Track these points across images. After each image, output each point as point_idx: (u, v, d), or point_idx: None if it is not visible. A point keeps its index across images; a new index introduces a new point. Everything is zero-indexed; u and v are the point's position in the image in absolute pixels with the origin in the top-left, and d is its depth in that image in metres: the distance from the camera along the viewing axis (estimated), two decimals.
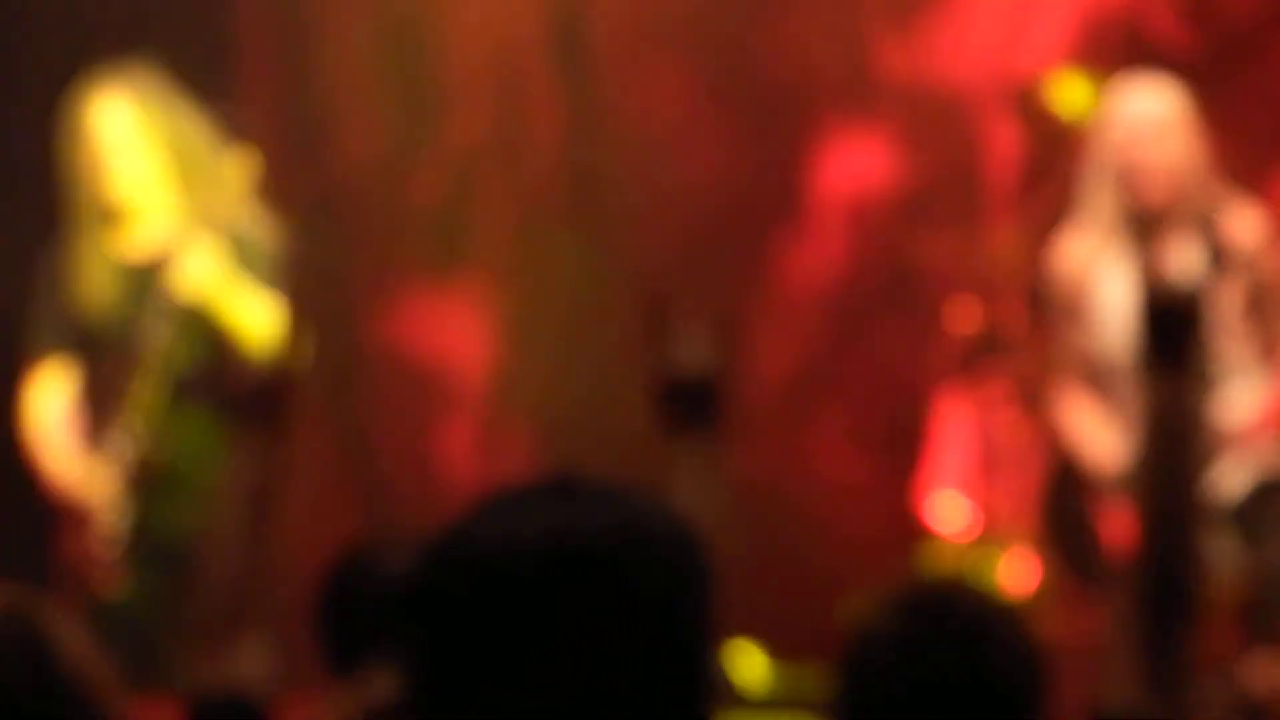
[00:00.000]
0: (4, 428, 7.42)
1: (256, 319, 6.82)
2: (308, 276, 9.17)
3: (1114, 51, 9.16)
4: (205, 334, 6.88)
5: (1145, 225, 5.37)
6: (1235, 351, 5.34)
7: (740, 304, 9.40)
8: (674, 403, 3.09)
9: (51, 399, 7.08)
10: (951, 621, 1.97)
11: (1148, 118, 5.48)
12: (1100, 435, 5.55)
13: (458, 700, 1.86)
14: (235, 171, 7.19)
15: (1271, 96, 9.17)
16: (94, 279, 7.01)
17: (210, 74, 9.15)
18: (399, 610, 2.28)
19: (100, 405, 7.03)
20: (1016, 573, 7.36)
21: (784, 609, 8.44)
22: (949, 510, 7.60)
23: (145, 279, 7.00)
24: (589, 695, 1.85)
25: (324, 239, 9.30)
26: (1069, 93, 7.44)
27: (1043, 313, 5.95)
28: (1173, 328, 2.58)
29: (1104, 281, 5.51)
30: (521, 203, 9.44)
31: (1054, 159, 7.66)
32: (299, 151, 9.39)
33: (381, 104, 9.45)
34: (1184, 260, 5.35)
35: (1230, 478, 5.32)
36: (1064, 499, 6.03)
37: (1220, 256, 5.34)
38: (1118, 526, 5.42)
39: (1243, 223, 5.52)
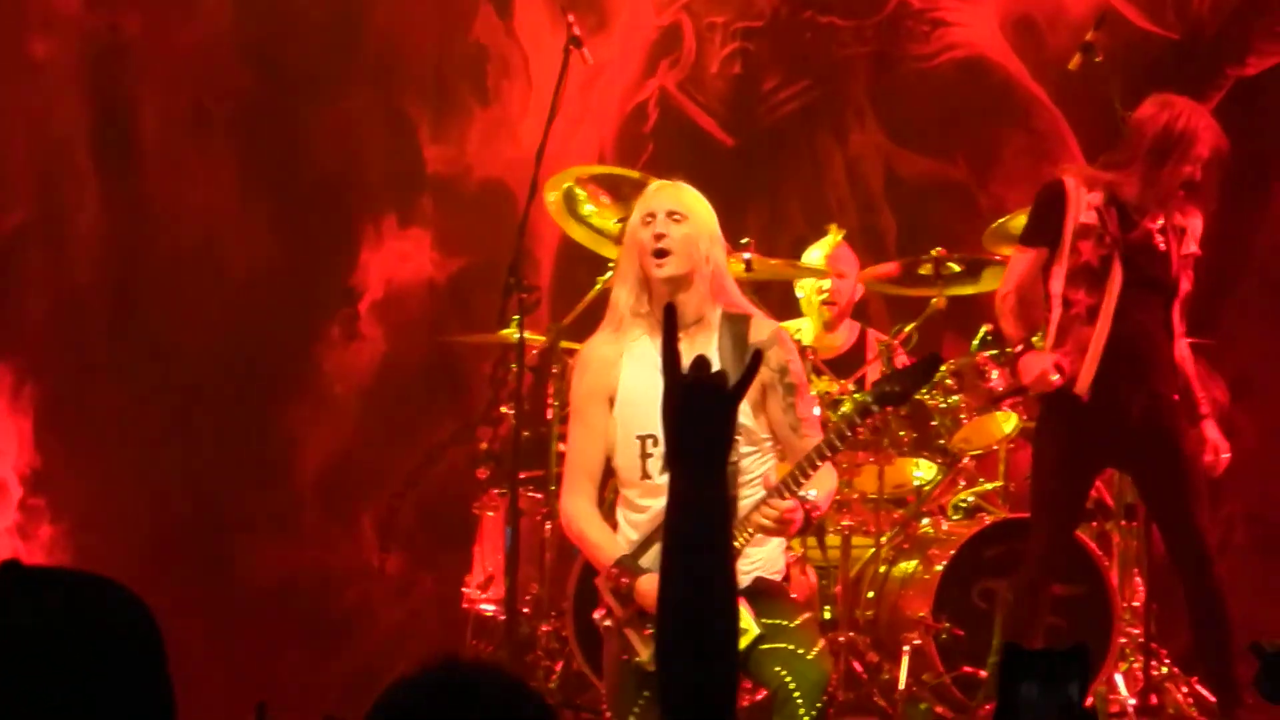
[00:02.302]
0: None
1: None
2: None
3: (656, 148, 9.53)
4: None
5: (664, 313, 5.49)
6: (753, 436, 5.59)
7: (287, 395, 9.46)
8: None
9: None
10: (474, 700, 2.11)
11: (665, 208, 5.64)
12: (599, 530, 5.67)
13: None
14: None
15: (803, 179, 9.64)
16: None
17: None
18: None
19: None
20: (554, 649, 7.55)
21: (325, 691, 8.54)
22: (489, 591, 7.75)
23: None
24: None
25: None
26: (606, 191, 7.68)
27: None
28: (698, 419, 2.68)
29: (628, 371, 5.63)
30: (60, 294, 9.33)
31: (587, 255, 7.93)
32: None
33: None
34: (701, 351, 5.46)
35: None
36: (586, 583, 6.22)
37: (736, 349, 5.54)
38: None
39: (758, 320, 5.70)
